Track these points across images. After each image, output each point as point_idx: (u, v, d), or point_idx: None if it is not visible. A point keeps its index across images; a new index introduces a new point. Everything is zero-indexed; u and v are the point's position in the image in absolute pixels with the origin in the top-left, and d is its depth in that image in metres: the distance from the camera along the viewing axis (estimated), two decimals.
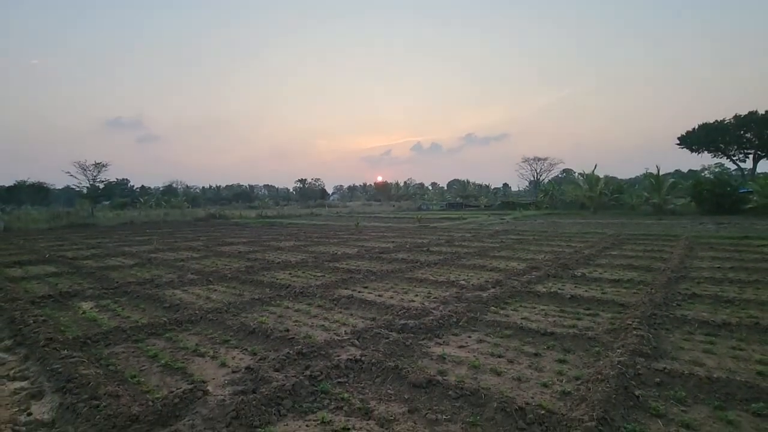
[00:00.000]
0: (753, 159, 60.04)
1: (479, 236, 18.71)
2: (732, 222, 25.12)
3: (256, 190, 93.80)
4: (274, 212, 42.66)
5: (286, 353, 4.50)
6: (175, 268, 10.78)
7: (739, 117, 57.26)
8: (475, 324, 5.78)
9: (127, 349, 5.02)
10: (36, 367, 4.40)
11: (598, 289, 7.85)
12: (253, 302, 7.00)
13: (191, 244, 16.48)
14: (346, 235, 19.94)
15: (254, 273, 9.85)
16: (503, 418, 3.25)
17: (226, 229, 25.57)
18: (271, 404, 3.48)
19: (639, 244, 15.22)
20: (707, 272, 9.32)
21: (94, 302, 7.30)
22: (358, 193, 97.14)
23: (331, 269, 10.25)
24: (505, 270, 9.89)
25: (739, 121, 57.21)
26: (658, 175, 41.42)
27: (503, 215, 38.25)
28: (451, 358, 4.59)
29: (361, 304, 6.85)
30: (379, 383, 3.96)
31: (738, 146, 60.31)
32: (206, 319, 6.05)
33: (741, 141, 59.28)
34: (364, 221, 30.28)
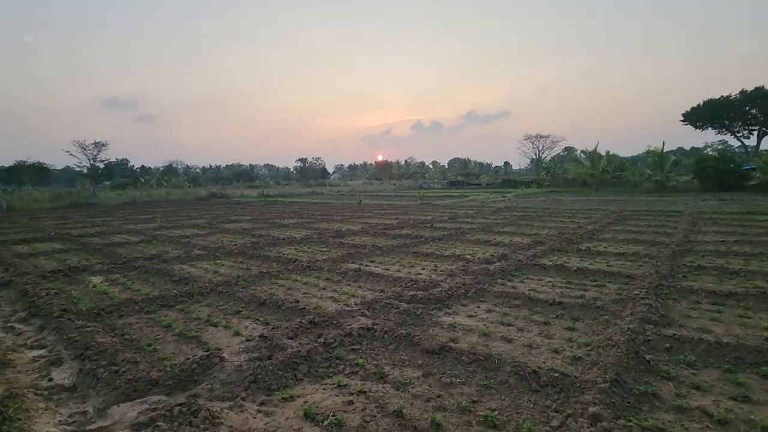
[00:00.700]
0: (757, 135, 59.37)
1: (482, 213, 18.71)
2: (735, 198, 25.04)
3: (256, 170, 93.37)
4: (276, 191, 42.57)
5: (298, 322, 4.55)
6: (181, 244, 10.82)
7: (746, 93, 56.30)
8: (483, 295, 5.83)
9: (140, 319, 5.08)
10: (52, 337, 4.46)
11: (603, 263, 7.88)
12: (262, 276, 7.05)
13: (195, 222, 16.50)
14: (349, 212, 19.94)
15: (260, 248, 9.89)
16: (517, 381, 3.31)
17: (229, 207, 25.56)
18: (288, 369, 3.53)
19: (642, 219, 15.22)
20: (711, 246, 9.34)
21: (103, 276, 7.36)
22: (358, 172, 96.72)
23: (337, 245, 10.28)
24: (509, 245, 9.93)
25: (745, 97, 56.28)
26: (661, 152, 41.08)
27: (505, 193, 38.17)
28: (461, 326, 4.64)
29: (368, 277, 6.89)
30: (392, 350, 4.01)
31: (743, 122, 59.51)
32: (216, 292, 6.10)
33: (746, 117, 58.47)
34: (366, 199, 30.23)
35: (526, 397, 3.12)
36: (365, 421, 2.82)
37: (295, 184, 65.84)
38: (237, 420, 2.88)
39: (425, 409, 2.98)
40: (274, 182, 69.25)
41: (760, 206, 19.26)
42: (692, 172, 39.60)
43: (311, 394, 3.24)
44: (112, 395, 3.17)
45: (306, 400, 3.13)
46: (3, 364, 3.71)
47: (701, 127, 61.96)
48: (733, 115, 58.46)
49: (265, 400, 3.16)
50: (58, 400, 3.25)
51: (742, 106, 57.15)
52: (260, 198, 35.24)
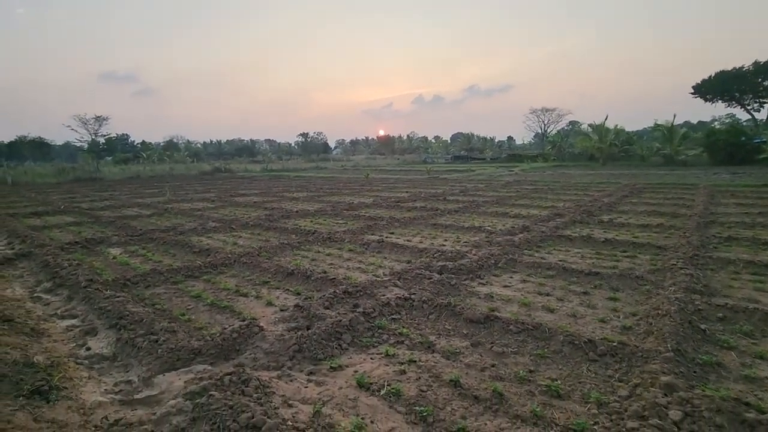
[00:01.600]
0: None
1: (492, 186, 18.48)
2: (747, 172, 24.67)
3: (257, 145, 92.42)
4: (279, 166, 42.18)
5: (331, 293, 4.43)
6: (194, 217, 10.68)
7: (759, 63, 54.75)
8: (514, 265, 5.70)
9: (168, 290, 4.97)
10: (82, 306, 4.36)
11: (628, 234, 7.72)
12: (283, 247, 6.93)
13: (204, 196, 16.33)
14: (357, 186, 19.71)
15: (275, 221, 9.74)
16: (572, 350, 3.20)
17: (234, 182, 25.33)
18: (331, 339, 3.43)
19: (657, 192, 15.00)
20: (735, 217, 9.16)
21: (121, 248, 7.24)
22: (361, 147, 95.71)
23: (353, 217, 10.13)
24: (528, 216, 9.76)
25: (758, 68, 54.76)
26: (671, 126, 40.40)
27: (511, 167, 37.79)
28: (499, 296, 4.52)
29: (392, 248, 6.76)
30: (433, 320, 3.90)
31: (754, 95, 58.13)
32: (240, 263, 5.98)
33: (758, 89, 57.05)
34: (372, 173, 29.93)
35: (584, 366, 3.01)
36: (422, 391, 2.72)
37: (298, 159, 65.23)
38: (288, 389, 2.78)
39: (482, 378, 2.88)
40: (276, 157, 68.65)
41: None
42: (702, 145, 38.93)
43: (360, 363, 3.14)
44: (156, 364, 3.07)
45: (356, 370, 3.03)
46: (38, 333, 3.61)
47: (711, 100, 60.65)
48: (744, 87, 57.04)
49: (313, 370, 3.06)
50: (100, 369, 3.16)
51: (755, 78, 55.66)
52: (264, 172, 34.94)
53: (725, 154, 34.59)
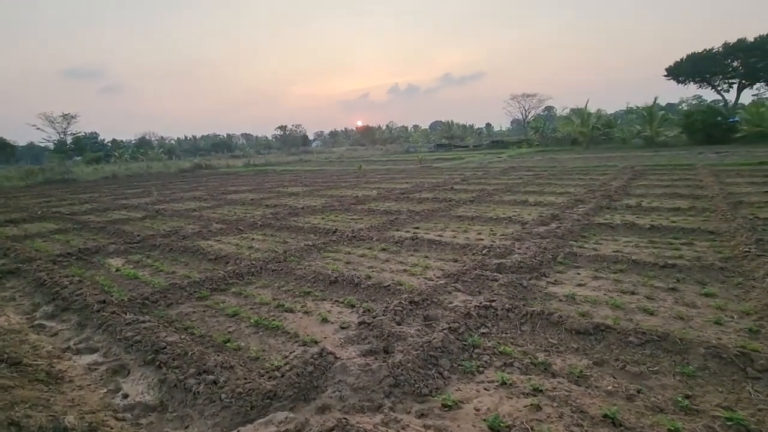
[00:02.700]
0: (737, 88, 59.80)
1: (491, 174, 18.10)
2: (729, 151, 25.06)
3: (234, 140, 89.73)
4: (262, 160, 40.83)
5: (396, 303, 3.83)
6: (192, 218, 9.83)
7: (728, 45, 56.12)
8: (575, 260, 5.21)
9: (195, 308, 4.27)
10: (101, 336, 3.62)
11: (664, 218, 7.36)
12: (308, 249, 6.25)
13: (193, 194, 15.33)
14: (352, 178, 19.00)
15: (284, 219, 9.01)
16: (720, 365, 2.70)
17: (219, 178, 24.19)
18: (428, 365, 2.84)
19: (660, 174, 14.88)
20: (756, 197, 8.96)
21: (123, 258, 6.42)
22: (340, 139, 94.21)
23: (366, 212, 9.49)
24: (550, 204, 9.34)
25: (728, 50, 56.14)
26: (651, 108, 40.99)
27: (498, 154, 37.65)
28: (581, 298, 4.01)
29: (429, 245, 6.18)
30: (529, 332, 3.36)
31: (723, 76, 59.64)
32: (268, 270, 5.30)
33: (727, 70, 58.53)
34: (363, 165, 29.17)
35: (748, 386, 2.52)
36: None
37: (277, 152, 63.62)
38: None
39: (639, 411, 2.34)
40: (254, 151, 66.78)
41: (757, 156, 19.19)
42: (680, 126, 39.64)
43: (475, 397, 2.57)
44: (224, 416, 2.42)
45: (476, 407, 2.45)
46: (55, 378, 2.89)
47: (683, 82, 61.96)
48: (714, 68, 58.42)
49: (423, 410, 2.47)
50: (150, 425, 2.48)
51: (724, 59, 57.05)
52: (248, 168, 33.67)
53: (703, 134, 35.28)
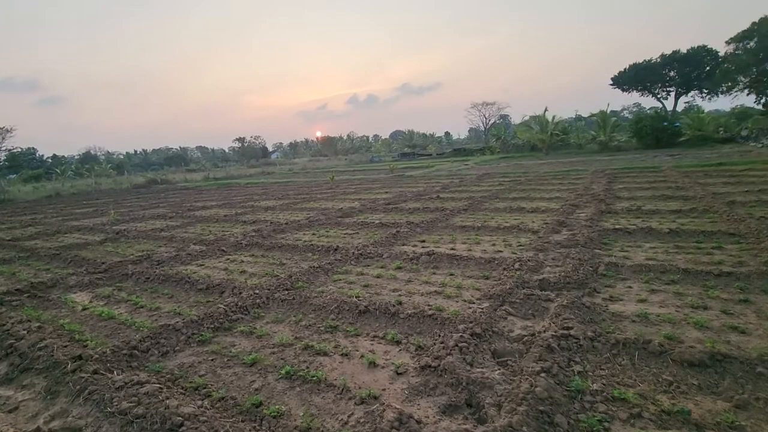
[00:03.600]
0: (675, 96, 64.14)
1: (468, 181, 17.88)
2: (680, 154, 26.46)
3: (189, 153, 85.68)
4: (222, 173, 38.94)
5: (455, 338, 3.19)
6: (163, 239, 8.73)
7: (665, 56, 60.10)
8: (618, 270, 4.78)
9: (200, 356, 3.43)
10: (83, 408, 2.72)
11: (671, 221, 7.19)
12: (313, 271, 5.48)
13: (155, 212, 13.98)
14: (326, 190, 18.21)
15: (270, 237, 8.15)
16: None
17: (179, 193, 22.58)
18: (543, 424, 2.22)
19: (633, 177, 15.21)
20: (741, 197, 9.09)
21: (89, 292, 5.37)
22: (301, 150, 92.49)
23: (359, 225, 8.79)
24: (548, 210, 9.05)
25: (665, 60, 60.07)
26: (605, 114, 43.03)
27: (464, 161, 38.05)
28: (654, 317, 3.54)
29: (450, 261, 5.59)
30: (629, 366, 2.81)
31: (662, 84, 63.74)
32: (276, 300, 4.50)
33: (665, 79, 62.62)
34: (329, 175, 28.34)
35: None
36: None
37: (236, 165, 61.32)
38: None
39: None
40: (211, 165, 63.99)
41: (708, 158, 20.29)
42: (631, 131, 41.83)
43: None
44: None
45: None
46: None
47: (627, 90, 65.75)
48: (653, 77, 62.37)
49: None
50: None
51: (662, 69, 61.03)
52: (208, 182, 31.91)
53: (652, 138, 37.35)
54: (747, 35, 35.89)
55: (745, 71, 35.84)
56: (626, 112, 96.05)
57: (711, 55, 53.62)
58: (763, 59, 33.35)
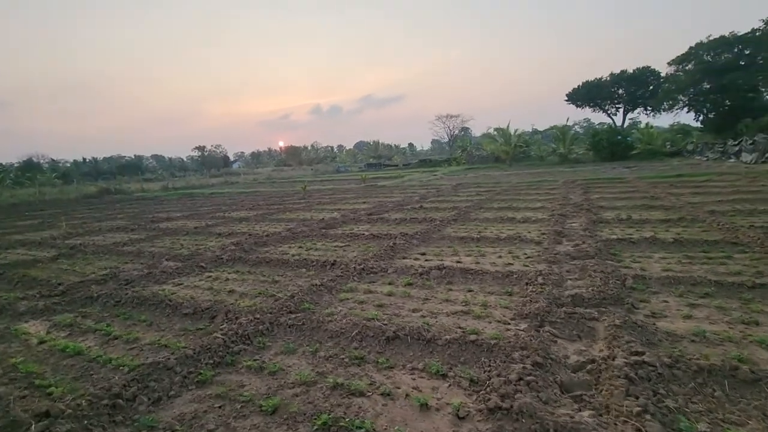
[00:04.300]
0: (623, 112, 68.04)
1: (444, 191, 17.71)
2: (637, 166, 27.76)
3: (144, 161, 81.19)
4: (182, 183, 36.97)
5: (518, 370, 2.74)
6: (128, 255, 7.78)
7: (614, 75, 63.68)
8: (646, 283, 4.53)
9: (202, 402, 2.78)
10: None
11: (665, 231, 7.16)
12: (315, 290, 4.88)
13: (113, 224, 12.74)
14: (300, 200, 17.48)
15: (253, 251, 7.44)
16: None
17: (137, 204, 21.01)
18: None
19: (604, 187, 15.56)
20: (716, 206, 9.33)
21: (45, 321, 4.49)
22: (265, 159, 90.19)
23: (348, 237, 8.23)
24: (539, 220, 8.88)
25: (614, 79, 63.64)
26: (564, 128, 44.86)
27: (432, 172, 38.32)
28: (713, 336, 3.24)
29: (464, 276, 5.17)
30: (724, 399, 2.46)
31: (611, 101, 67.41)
32: (282, 325, 3.88)
33: (614, 96, 66.28)
34: (298, 186, 27.47)
35: None
36: None
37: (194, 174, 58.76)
38: None
39: None
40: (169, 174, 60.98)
41: (662, 170, 21.38)
42: (588, 144, 43.80)
43: None
44: None
45: None
46: None
47: (581, 106, 69.09)
48: (604, 94, 65.90)
49: None
50: None
51: (611, 87, 64.62)
52: (168, 192, 30.10)
53: (608, 151, 39.22)
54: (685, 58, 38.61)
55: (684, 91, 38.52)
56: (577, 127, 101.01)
57: (654, 76, 57.41)
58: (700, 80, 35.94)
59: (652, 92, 56.79)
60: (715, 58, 35.32)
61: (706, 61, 35.75)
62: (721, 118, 35.08)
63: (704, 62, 35.76)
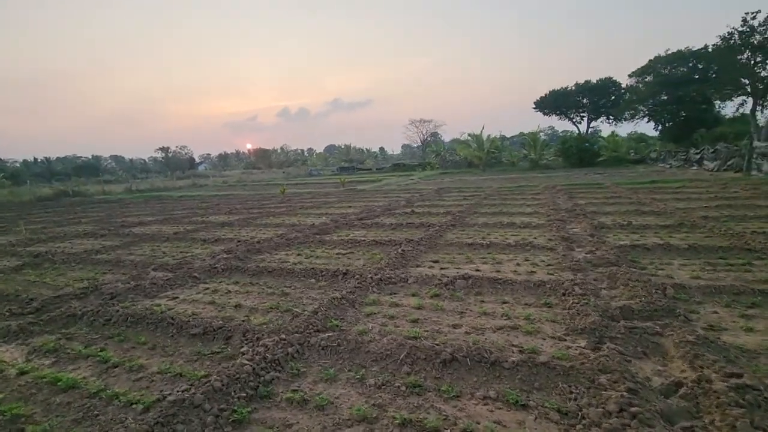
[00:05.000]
0: (587, 120, 70.65)
1: (428, 196, 17.49)
2: (606, 172, 28.69)
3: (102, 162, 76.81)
4: (146, 185, 35.07)
5: (614, 398, 2.42)
6: (106, 264, 7.00)
7: (579, 84, 66.08)
8: (688, 293, 4.36)
9: None
10: None
11: (669, 236, 7.16)
12: (336, 303, 4.41)
13: (78, 229, 11.67)
14: (280, 203, 16.79)
15: (248, 259, 6.85)
16: None
17: (101, 207, 19.60)
18: None
19: (585, 192, 15.75)
20: (703, 212, 9.54)
21: (21, 345, 3.80)
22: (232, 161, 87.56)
23: (347, 243, 7.78)
24: (539, 226, 8.74)
25: (578, 88, 66.00)
26: (535, 134, 46.01)
27: (408, 176, 38.30)
28: None
29: (491, 286, 4.84)
30: None
31: (576, 109, 69.86)
32: (314, 347, 3.41)
33: (579, 105, 68.73)
34: (270, 189, 26.60)
35: None
36: None
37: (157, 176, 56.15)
38: None
39: None
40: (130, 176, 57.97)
41: (631, 177, 22.13)
42: (558, 151, 45.11)
43: None
44: None
45: None
46: None
47: (547, 114, 71.23)
48: (569, 103, 68.23)
49: None
50: None
51: (576, 96, 66.98)
52: (132, 194, 28.42)
53: (576, 158, 40.47)
54: (645, 70, 40.52)
55: (644, 102, 40.44)
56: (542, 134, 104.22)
57: (615, 86, 59.90)
58: (658, 92, 37.77)
59: (614, 102, 59.19)
60: (672, 71, 37.20)
61: (663, 74, 37.59)
62: (678, 128, 36.94)
63: (662, 75, 37.61)
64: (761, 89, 28.39)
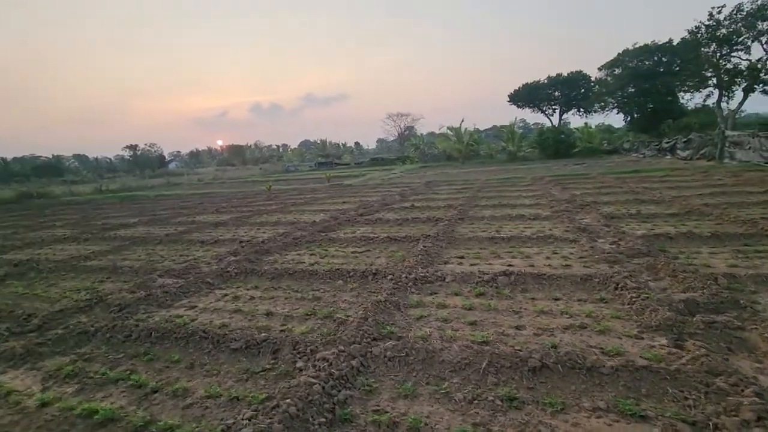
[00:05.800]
0: (559, 113, 72.12)
1: (417, 189, 17.28)
2: (585, 163, 29.24)
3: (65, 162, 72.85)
4: (117, 185, 33.35)
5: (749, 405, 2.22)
6: (102, 271, 6.40)
7: (551, 77, 67.36)
8: (741, 282, 4.27)
9: None
10: None
11: (682, 224, 7.18)
12: (380, 307, 4.08)
13: (54, 233, 10.82)
14: (268, 201, 16.21)
15: (260, 261, 6.42)
16: None
17: (72, 209, 18.41)
18: None
19: (576, 183, 15.84)
20: (699, 199, 9.70)
21: (31, 370, 3.30)
22: (205, 159, 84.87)
23: (359, 240, 7.42)
24: (548, 218, 8.64)
25: (551, 81, 67.27)
26: (512, 127, 46.57)
27: (389, 170, 38.00)
28: None
29: (535, 282, 4.62)
30: None
31: (548, 102, 71.18)
32: (379, 359, 3.08)
33: (551, 98, 70.05)
34: (251, 186, 25.81)
35: None
36: None
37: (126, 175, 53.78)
38: None
39: None
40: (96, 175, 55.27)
41: (609, 166, 22.65)
42: (535, 143, 45.84)
43: None
44: None
45: None
46: None
47: (521, 107, 72.28)
48: (542, 96, 69.43)
49: None
50: None
51: (548, 89, 68.23)
52: (104, 195, 26.94)
53: (553, 149, 41.22)
54: (614, 63, 41.63)
55: (613, 94, 41.60)
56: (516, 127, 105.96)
57: (585, 79, 61.32)
58: (627, 84, 38.93)
59: (584, 95, 60.57)
60: (638, 64, 38.34)
61: (631, 67, 38.69)
62: (646, 119, 38.18)
63: (630, 68, 38.73)
64: (726, 81, 29.55)
